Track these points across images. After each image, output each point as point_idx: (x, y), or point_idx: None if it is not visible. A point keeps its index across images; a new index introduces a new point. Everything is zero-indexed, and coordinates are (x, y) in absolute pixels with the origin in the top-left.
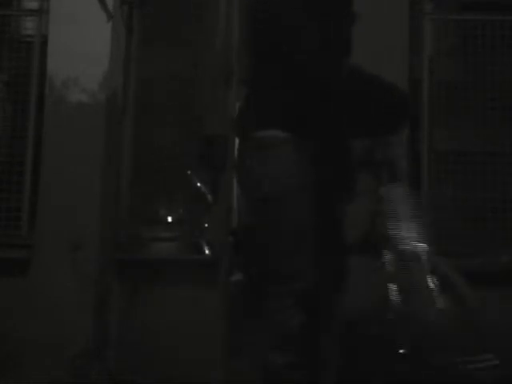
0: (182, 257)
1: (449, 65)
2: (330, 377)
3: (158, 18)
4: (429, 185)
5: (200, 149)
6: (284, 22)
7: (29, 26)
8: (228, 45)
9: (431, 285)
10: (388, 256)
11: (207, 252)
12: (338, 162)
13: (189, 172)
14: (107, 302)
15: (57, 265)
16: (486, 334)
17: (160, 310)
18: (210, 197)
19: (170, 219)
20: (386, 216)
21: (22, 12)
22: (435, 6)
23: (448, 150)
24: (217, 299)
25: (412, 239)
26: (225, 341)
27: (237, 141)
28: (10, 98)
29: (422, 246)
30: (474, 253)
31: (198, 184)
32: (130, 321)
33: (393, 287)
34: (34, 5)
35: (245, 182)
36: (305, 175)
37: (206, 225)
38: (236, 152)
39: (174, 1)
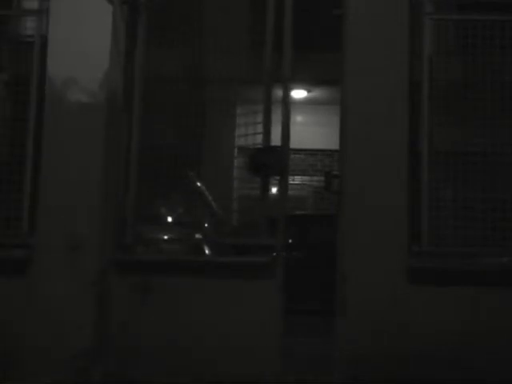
0: None
1: (449, 65)
2: None
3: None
4: (429, 185)
5: None
6: None
7: (29, 25)
8: None
9: None
10: None
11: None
12: None
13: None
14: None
15: (57, 265)
16: None
17: None
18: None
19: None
20: None
21: (22, 12)
22: (435, 6)
23: (448, 150)
24: None
25: None
26: None
27: None
28: (10, 97)
29: None
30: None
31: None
32: None
33: None
34: (33, 5)
35: None
36: None
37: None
38: None
39: None
